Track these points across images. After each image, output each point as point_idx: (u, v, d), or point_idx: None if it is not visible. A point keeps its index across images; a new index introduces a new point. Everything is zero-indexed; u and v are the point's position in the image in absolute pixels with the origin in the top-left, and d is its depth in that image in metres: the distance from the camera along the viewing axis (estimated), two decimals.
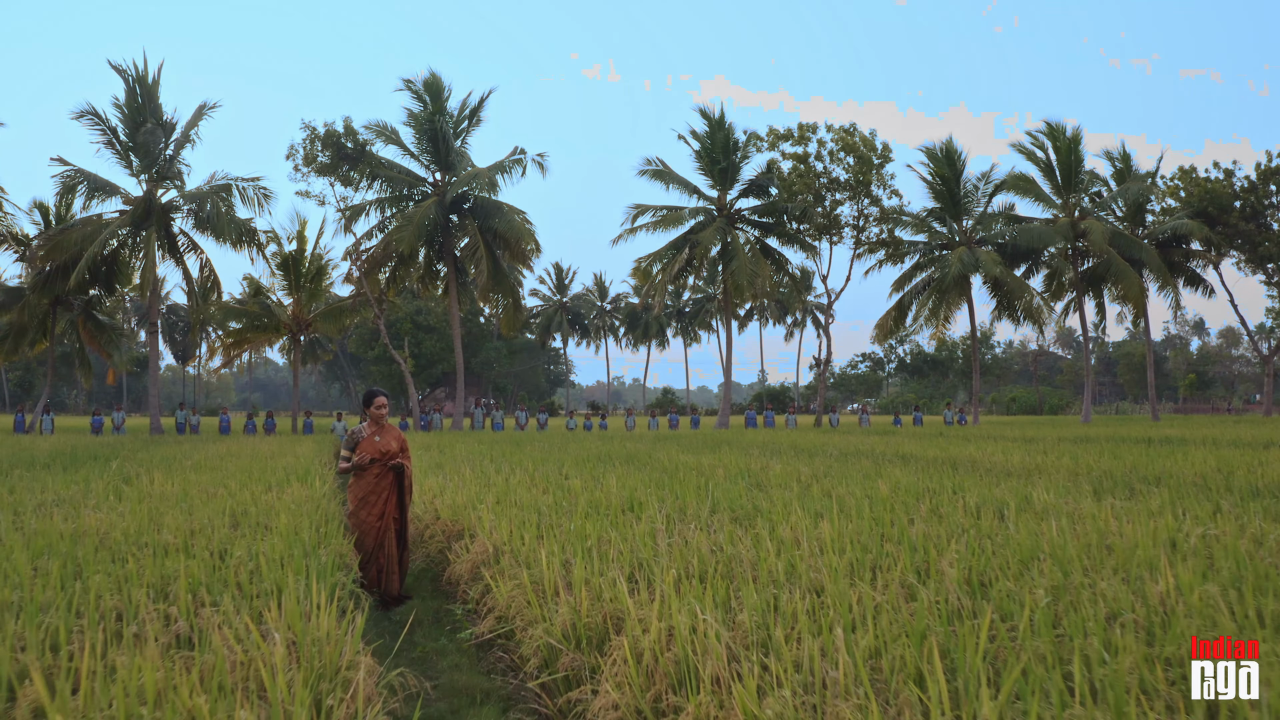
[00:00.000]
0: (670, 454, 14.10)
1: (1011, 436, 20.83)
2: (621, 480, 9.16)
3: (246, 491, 9.02)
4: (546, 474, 10.48)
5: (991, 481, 9.30)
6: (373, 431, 6.93)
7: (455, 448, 16.22)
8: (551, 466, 11.38)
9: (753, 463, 12.10)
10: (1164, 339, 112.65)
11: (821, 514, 6.70)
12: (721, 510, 6.93)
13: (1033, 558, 4.59)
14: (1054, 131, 36.39)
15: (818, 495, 8.11)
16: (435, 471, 11.13)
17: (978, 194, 35.17)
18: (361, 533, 6.66)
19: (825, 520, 6.26)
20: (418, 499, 8.69)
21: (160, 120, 29.99)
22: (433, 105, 30.05)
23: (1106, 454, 13.04)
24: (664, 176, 32.90)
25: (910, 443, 17.67)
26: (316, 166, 28.50)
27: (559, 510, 6.94)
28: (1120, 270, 35.20)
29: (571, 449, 15.94)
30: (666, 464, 11.87)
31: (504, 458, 13.69)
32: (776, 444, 17.44)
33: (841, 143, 30.53)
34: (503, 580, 4.82)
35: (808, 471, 10.51)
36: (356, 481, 6.80)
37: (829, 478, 9.91)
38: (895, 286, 35.54)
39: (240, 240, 29.03)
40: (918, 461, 12.53)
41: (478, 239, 29.57)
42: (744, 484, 9.25)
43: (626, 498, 7.54)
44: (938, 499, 7.61)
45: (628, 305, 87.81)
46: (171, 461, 13.82)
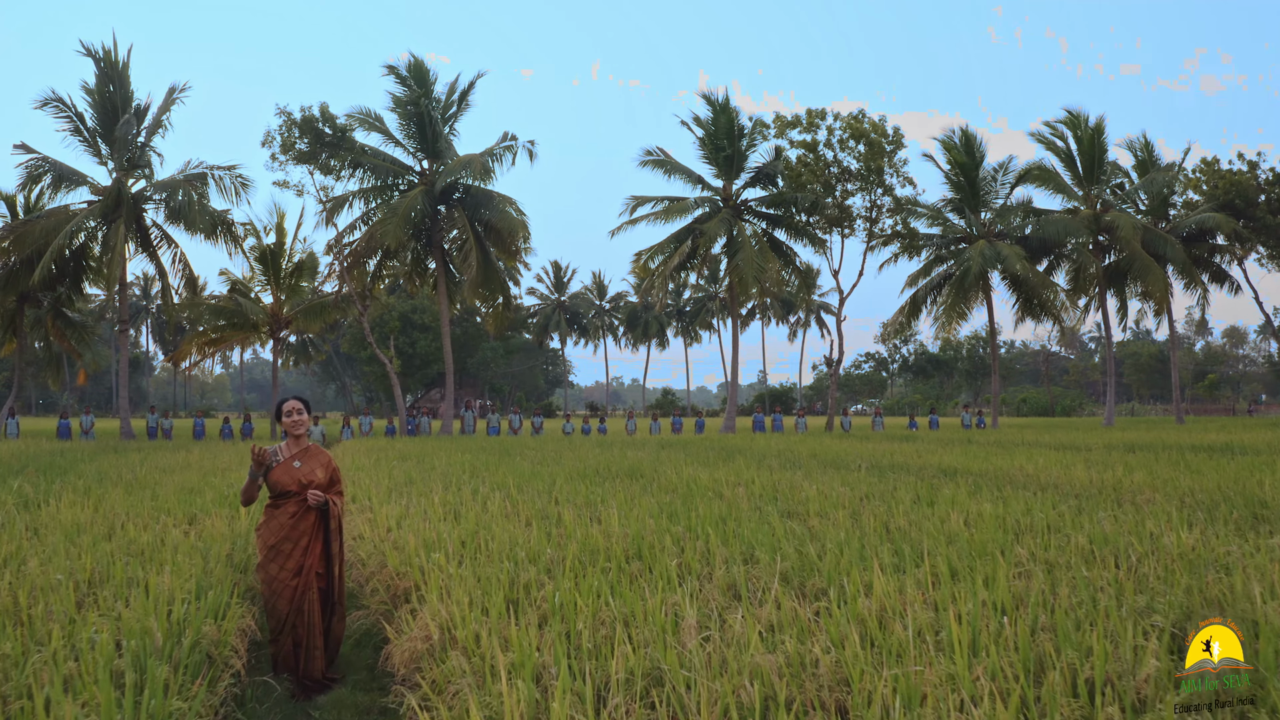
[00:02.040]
0: (678, 466, 12.36)
1: (1047, 443, 19.10)
2: (624, 509, 7.42)
3: (158, 524, 7.28)
4: (534, 495, 8.73)
5: (1077, 507, 7.54)
6: (291, 454, 5.18)
7: (435, 458, 14.46)
8: (541, 485, 9.62)
9: (776, 479, 10.34)
10: (1168, 339, 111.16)
11: (899, 567, 4.96)
12: (760, 560, 5.19)
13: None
14: (1075, 120, 34.63)
15: (875, 531, 6.37)
16: (401, 492, 9.36)
17: (996, 184, 33.40)
18: (272, 594, 4.91)
19: (909, 577, 4.52)
20: (368, 532, 6.94)
21: (130, 106, 28.22)
22: (418, 89, 28.24)
23: (1182, 467, 11.29)
24: (666, 166, 31.06)
25: (942, 451, 15.93)
26: (294, 154, 26.66)
27: (542, 562, 5.19)
28: (1145, 265, 33.41)
29: (566, 460, 14.19)
30: (676, 481, 10.12)
31: (488, 470, 11.94)
32: (794, 453, 15.69)
33: (851, 129, 28.73)
34: (443, 706, 3.07)
35: (847, 493, 8.76)
36: (267, 523, 5.05)
37: (876, 501, 8.16)
38: (910, 282, 33.74)
39: (214, 232, 27.24)
40: (965, 477, 10.77)
41: (467, 231, 27.74)
42: (776, 513, 7.51)
43: (632, 539, 5.80)
44: (1032, 538, 5.88)
45: (627, 304, 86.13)
46: (109, 475, 12.07)
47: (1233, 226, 35.12)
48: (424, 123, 28.18)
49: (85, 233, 28.75)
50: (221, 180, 28.22)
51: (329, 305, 29.32)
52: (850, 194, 29.73)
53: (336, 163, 27.10)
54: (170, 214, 27.39)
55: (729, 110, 30.25)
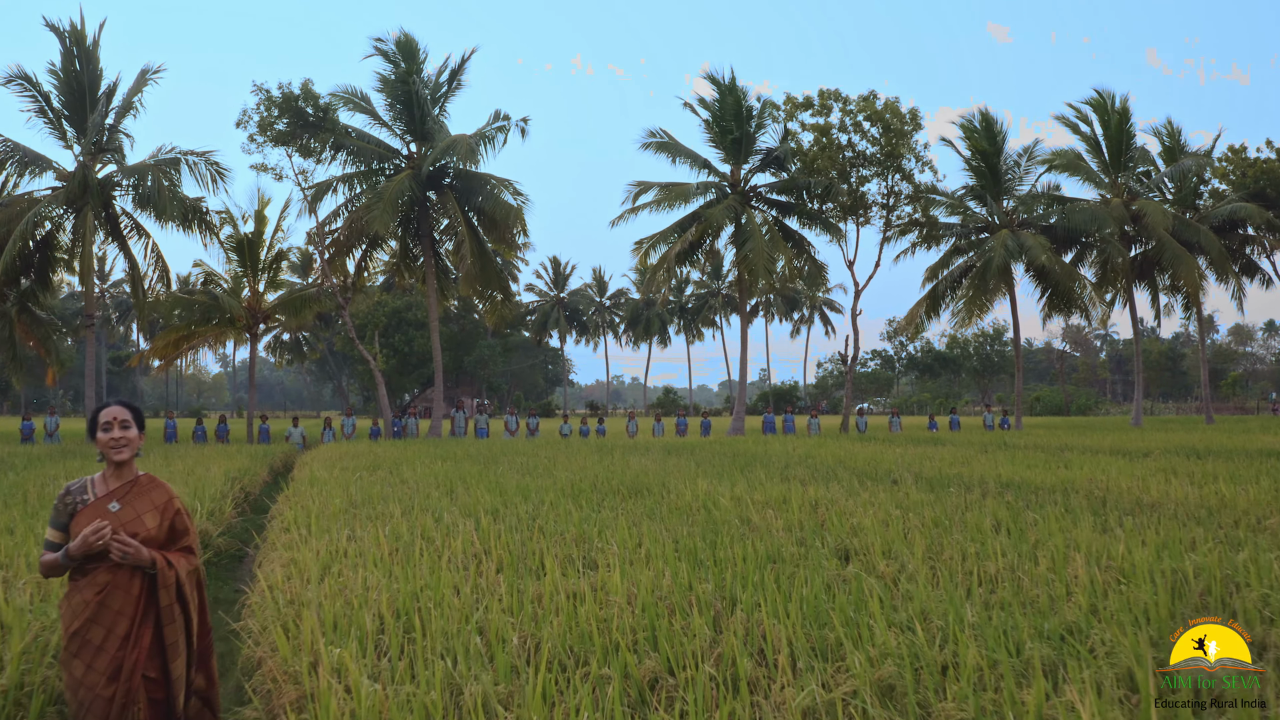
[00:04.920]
0: (690, 478, 10.54)
1: (1091, 446, 17.22)
2: (628, 548, 5.60)
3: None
4: (513, 524, 6.91)
5: (1223, 538, 5.72)
6: (108, 490, 3.33)
7: (410, 467, 12.62)
8: (525, 508, 7.78)
9: (812, 497, 8.49)
10: (1174, 337, 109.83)
11: (1061, 664, 3.15)
12: (845, 656, 3.35)
13: None
14: (1102, 101, 32.74)
15: (980, 588, 4.54)
16: (340, 520, 7.45)
17: (1019, 171, 31.50)
18: (79, 707, 3.12)
19: (1107, 701, 2.71)
20: (281, 582, 5.06)
21: (100, 86, 26.38)
22: (407, 67, 26.31)
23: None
24: (670, 149, 29.08)
25: (983, 457, 14.08)
26: (273, 135, 24.73)
27: (505, 657, 3.35)
28: (1176, 255, 31.48)
29: (560, 469, 12.36)
30: (690, 501, 8.28)
31: (467, 484, 10.12)
32: (818, 460, 13.86)
33: (865, 111, 26.81)
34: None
35: (907, 519, 6.93)
36: (68, 599, 3.24)
37: (950, 532, 6.33)
38: (929, 275, 31.84)
39: (188, 221, 25.37)
40: (1031, 493, 8.92)
41: (459, 218, 25.80)
42: (827, 551, 5.69)
43: (640, 609, 3.96)
44: (1226, 594, 4.07)
45: (628, 301, 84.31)
46: (11, 494, 10.22)
47: (1265, 217, 33.24)
48: (412, 102, 26.22)
49: (51, 221, 26.91)
50: (196, 166, 26.31)
51: (310, 298, 27.41)
52: (866, 180, 27.85)
53: (318, 145, 25.14)
54: (139, 200, 25.52)
55: (736, 91, 28.31)
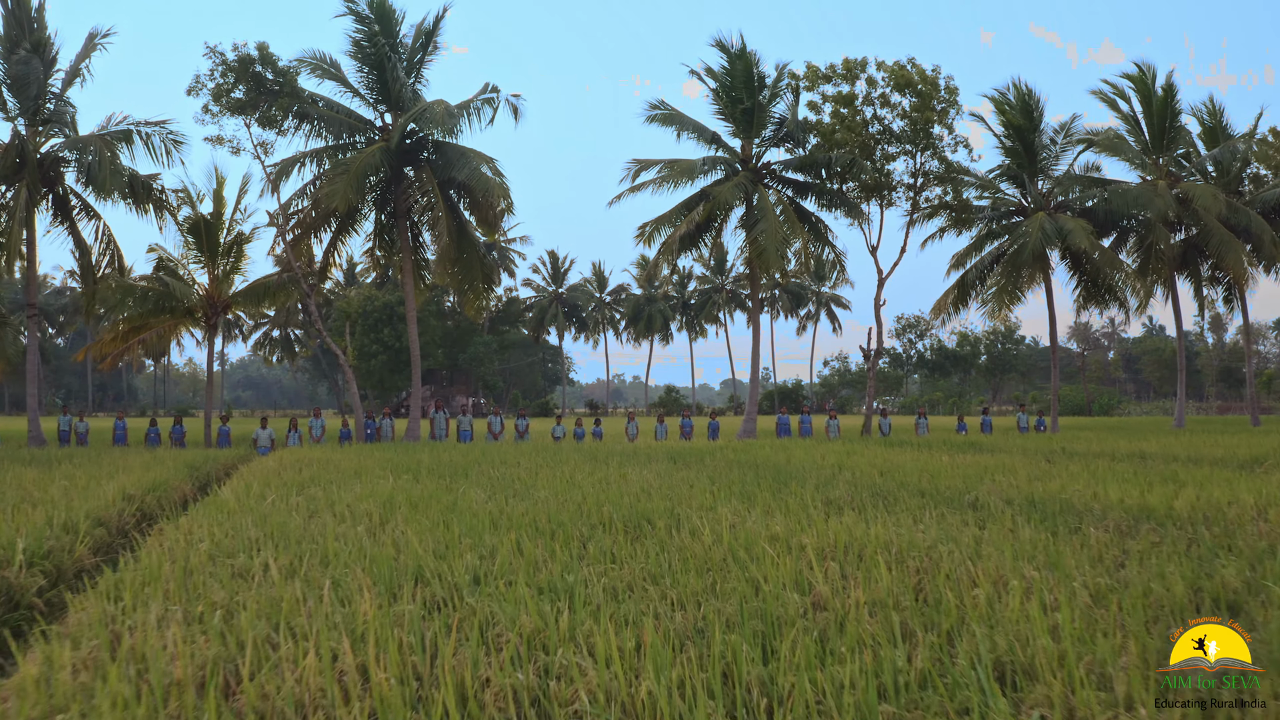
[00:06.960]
0: (706, 504, 7.95)
1: (1152, 453, 14.59)
2: (623, 665, 3.03)
3: None
4: (429, 609, 4.34)
5: None
6: None
7: (352, 485, 10.01)
8: (464, 572, 5.18)
9: (883, 538, 5.89)
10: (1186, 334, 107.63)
11: None
12: None
13: None
14: (1143, 76, 30.12)
15: None
16: (186, 583, 4.87)
17: (1054, 149, 28.86)
18: None
19: None
20: None
21: (41, 47, 23.81)
22: (383, 28, 23.71)
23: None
24: (674, 121, 26.44)
25: (1051, 469, 11.45)
26: (229, 103, 22.13)
27: None
28: (1224, 242, 28.84)
29: (541, 486, 9.77)
30: (710, 549, 5.66)
31: (416, 511, 7.54)
32: (862, 474, 11.25)
33: (896, 78, 24.20)
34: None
35: (1058, 582, 4.37)
36: None
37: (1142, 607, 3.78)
38: (956, 262, 29.22)
39: (136, 199, 22.80)
40: (1178, 526, 6.35)
41: (437, 195, 23.19)
42: (966, 661, 3.16)
43: None
44: None
45: (629, 297, 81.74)
46: None
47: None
48: (384, 67, 23.63)
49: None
50: (149, 139, 23.76)
51: (272, 286, 24.81)
52: (891, 157, 25.23)
53: (279, 112, 22.52)
54: (82, 176, 22.96)
55: (747, 57, 25.64)
